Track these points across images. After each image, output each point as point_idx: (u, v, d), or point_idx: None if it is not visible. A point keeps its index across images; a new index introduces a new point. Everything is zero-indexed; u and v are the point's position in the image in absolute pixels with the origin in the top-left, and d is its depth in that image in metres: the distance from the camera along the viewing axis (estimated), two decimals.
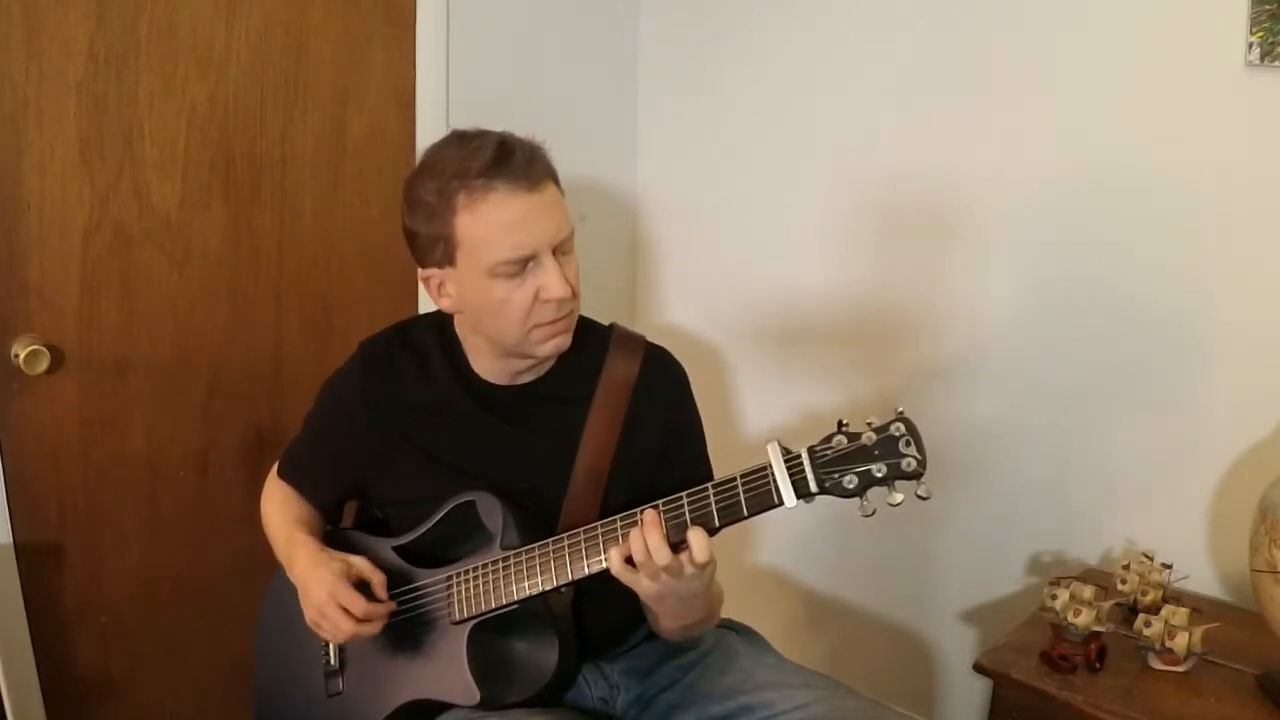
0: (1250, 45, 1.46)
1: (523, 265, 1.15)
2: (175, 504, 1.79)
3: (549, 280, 1.15)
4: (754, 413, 2.22)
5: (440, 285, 1.22)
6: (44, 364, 1.57)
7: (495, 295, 1.17)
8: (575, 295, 1.20)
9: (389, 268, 1.97)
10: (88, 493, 1.69)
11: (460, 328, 1.29)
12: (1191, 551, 1.62)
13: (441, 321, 1.31)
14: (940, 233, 1.87)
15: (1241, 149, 1.52)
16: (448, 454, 1.27)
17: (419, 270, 1.23)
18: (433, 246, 1.18)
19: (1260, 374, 1.55)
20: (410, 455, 1.28)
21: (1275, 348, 1.53)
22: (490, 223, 1.13)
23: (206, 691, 1.87)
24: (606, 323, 1.37)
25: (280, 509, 1.39)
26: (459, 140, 1.18)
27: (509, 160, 1.13)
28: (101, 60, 1.58)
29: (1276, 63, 1.44)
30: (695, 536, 1.06)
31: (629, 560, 1.09)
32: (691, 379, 1.39)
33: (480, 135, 1.17)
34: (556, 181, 1.20)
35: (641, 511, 1.10)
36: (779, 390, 2.16)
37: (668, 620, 1.21)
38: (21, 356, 1.56)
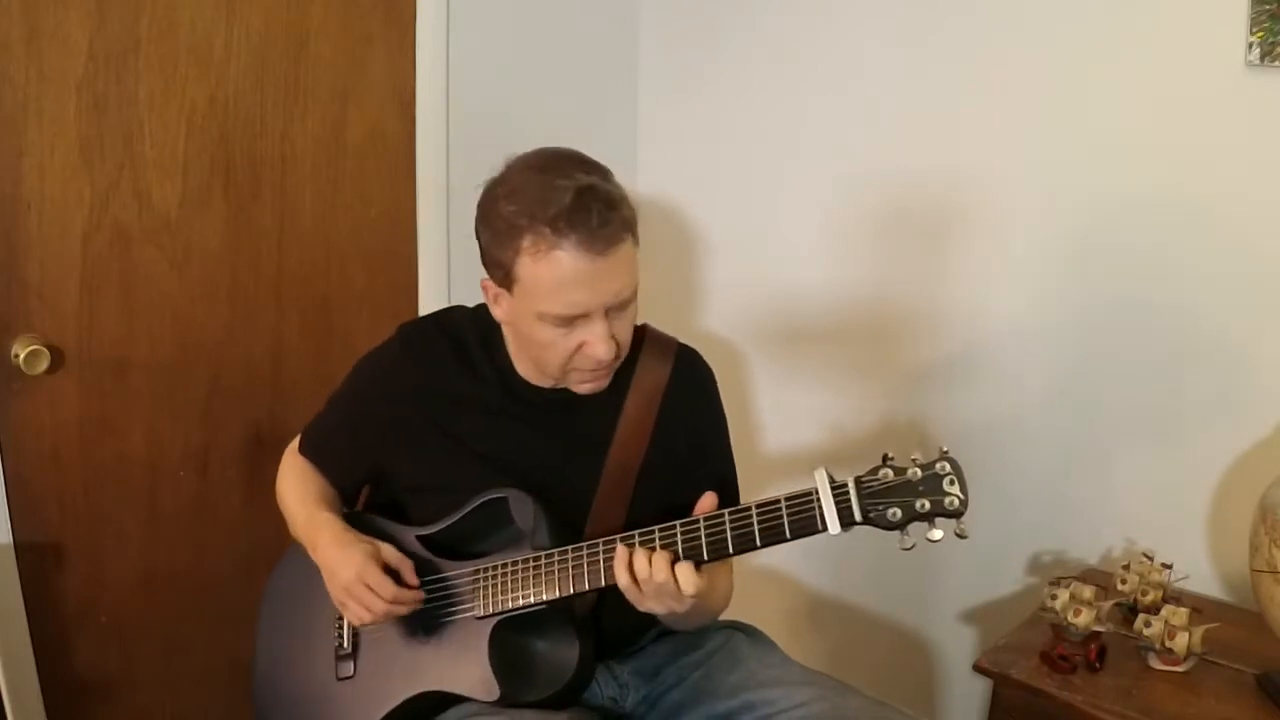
0: (1250, 45, 1.46)
1: (571, 320, 1.14)
2: (175, 504, 1.78)
3: (595, 341, 1.15)
4: (754, 412, 2.22)
5: (496, 297, 1.22)
6: (44, 364, 1.57)
7: (541, 336, 1.17)
8: (624, 346, 1.20)
9: (389, 268, 1.97)
10: (88, 493, 1.69)
11: (507, 332, 1.28)
12: (1191, 551, 1.62)
13: (482, 317, 1.29)
14: (942, 233, 1.87)
15: (1242, 149, 1.52)
16: (478, 444, 1.27)
17: (483, 274, 1.22)
18: (494, 266, 1.17)
19: (1260, 373, 1.55)
20: (441, 441, 1.28)
21: (1275, 347, 1.53)
22: (548, 277, 1.11)
23: (206, 691, 1.87)
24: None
25: (299, 486, 1.38)
26: (544, 167, 1.14)
27: (584, 216, 1.08)
28: (101, 60, 1.58)
29: (1276, 63, 1.44)
30: (682, 571, 1.09)
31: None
32: None
33: (567, 170, 1.12)
34: (634, 232, 1.16)
35: (681, 525, 1.12)
36: (779, 390, 2.16)
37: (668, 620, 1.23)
38: (21, 356, 1.56)
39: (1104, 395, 1.72)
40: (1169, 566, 1.54)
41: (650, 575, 1.09)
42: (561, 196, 1.09)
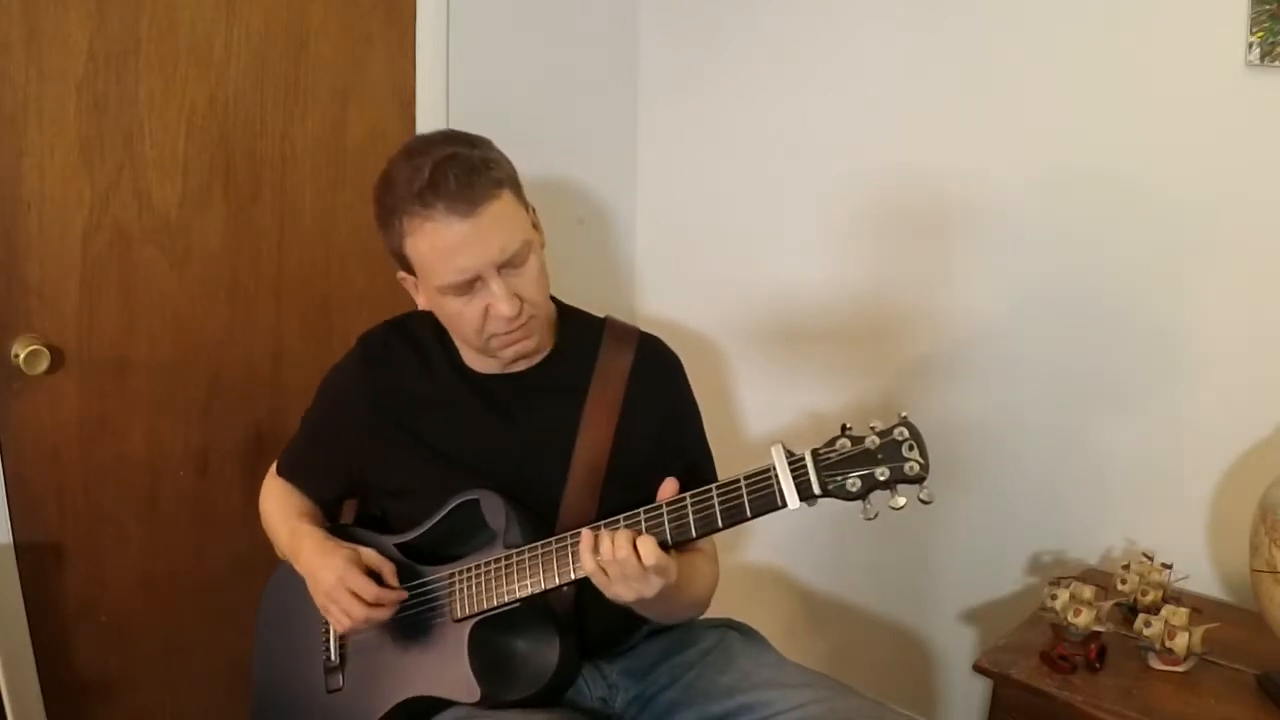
0: (1250, 45, 1.46)
1: (469, 285, 1.17)
2: (175, 504, 1.78)
3: (495, 300, 1.17)
4: (754, 412, 2.22)
5: (415, 288, 1.26)
6: (44, 364, 1.57)
7: (450, 310, 1.21)
8: (534, 303, 1.21)
9: (389, 268, 1.95)
10: (88, 493, 1.69)
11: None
12: (1191, 551, 1.61)
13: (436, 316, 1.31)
14: (939, 233, 1.87)
15: (1241, 149, 1.52)
16: (446, 445, 1.28)
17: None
18: (395, 258, 1.22)
19: (1260, 373, 1.55)
20: (409, 447, 1.28)
21: (1275, 347, 1.53)
22: (429, 249, 1.15)
23: (206, 691, 1.87)
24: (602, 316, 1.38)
25: (281, 505, 1.39)
26: (408, 153, 1.18)
27: (443, 183, 1.12)
28: (101, 60, 1.58)
29: (1276, 63, 1.44)
30: (644, 544, 1.08)
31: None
32: (692, 377, 1.40)
33: (426, 150, 1.16)
34: (513, 188, 1.19)
35: (645, 511, 1.11)
36: (779, 389, 2.16)
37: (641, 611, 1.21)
38: (21, 356, 1.56)
39: (1104, 395, 1.71)
40: (1169, 566, 1.54)
41: (613, 555, 1.09)
42: (421, 174, 1.13)
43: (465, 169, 1.14)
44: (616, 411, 1.28)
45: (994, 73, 1.76)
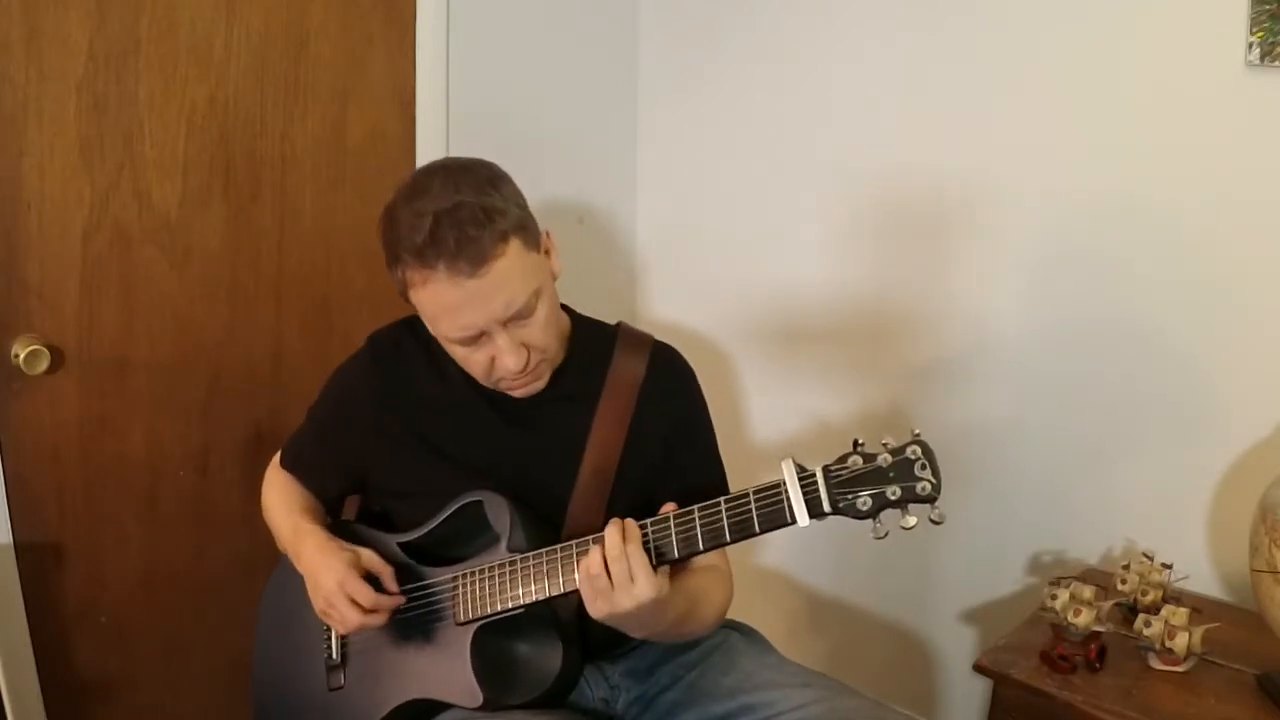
0: (1250, 45, 1.46)
1: (473, 339, 1.15)
2: (175, 504, 1.78)
3: (501, 354, 1.15)
4: (755, 414, 2.22)
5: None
6: (44, 364, 1.57)
7: (456, 353, 1.20)
8: (542, 349, 1.19)
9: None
10: (88, 493, 1.69)
11: None
12: (1191, 551, 1.62)
13: None
14: (941, 234, 1.87)
15: (1241, 149, 1.52)
16: (453, 448, 1.27)
17: None
18: (402, 295, 1.19)
19: (1260, 374, 1.55)
20: (416, 447, 1.28)
21: (1275, 347, 1.53)
22: (432, 304, 1.13)
23: (206, 691, 1.87)
24: (612, 322, 1.37)
25: (283, 499, 1.38)
26: (410, 194, 1.13)
27: (444, 242, 1.08)
28: (101, 60, 1.58)
29: (1276, 63, 1.44)
30: (625, 527, 1.07)
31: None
32: None
33: (427, 192, 1.11)
34: (521, 233, 1.13)
35: (652, 523, 1.10)
36: (780, 391, 2.16)
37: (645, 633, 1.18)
38: (21, 356, 1.56)
39: (1104, 395, 1.71)
40: (1169, 566, 1.54)
41: (602, 571, 1.06)
42: (422, 225, 1.09)
43: (469, 223, 1.08)
44: (627, 419, 1.26)
45: (994, 73, 1.76)
